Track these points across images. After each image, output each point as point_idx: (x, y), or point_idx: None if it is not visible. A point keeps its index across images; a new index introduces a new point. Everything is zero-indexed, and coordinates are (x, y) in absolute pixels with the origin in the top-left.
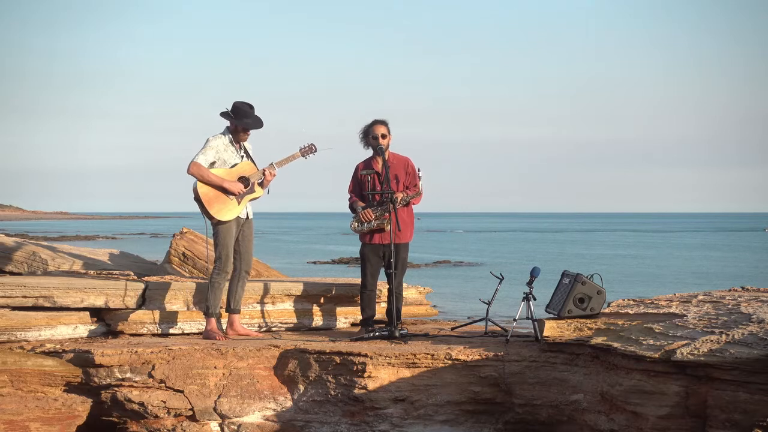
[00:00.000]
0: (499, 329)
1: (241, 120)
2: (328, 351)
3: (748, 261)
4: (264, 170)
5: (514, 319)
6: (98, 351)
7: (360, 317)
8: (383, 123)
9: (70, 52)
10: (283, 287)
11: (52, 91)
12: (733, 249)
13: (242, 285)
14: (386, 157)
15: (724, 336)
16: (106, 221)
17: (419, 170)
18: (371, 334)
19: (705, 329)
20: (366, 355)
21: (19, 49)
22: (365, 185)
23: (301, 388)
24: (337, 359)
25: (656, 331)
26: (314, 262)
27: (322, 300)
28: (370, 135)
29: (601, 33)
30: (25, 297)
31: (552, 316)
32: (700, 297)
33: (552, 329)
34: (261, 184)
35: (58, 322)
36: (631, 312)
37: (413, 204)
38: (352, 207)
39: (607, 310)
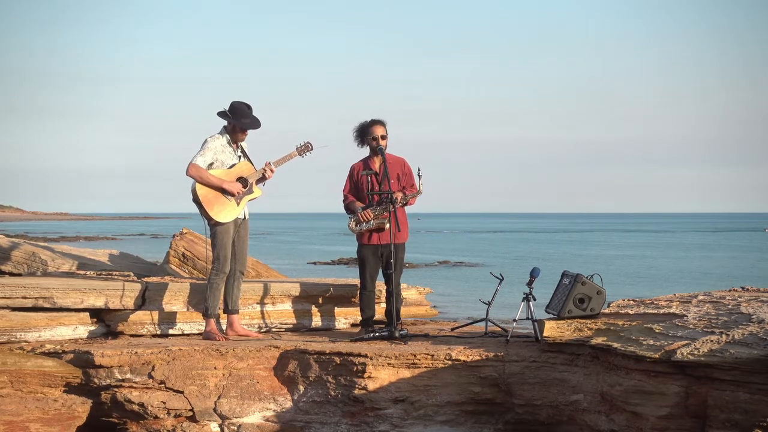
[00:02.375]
0: (499, 330)
1: (239, 120)
2: (328, 351)
3: (748, 261)
4: (263, 170)
5: (514, 320)
6: (98, 352)
7: (360, 318)
8: (382, 123)
9: (70, 52)
10: (282, 288)
11: (52, 91)
12: (733, 249)
13: (238, 285)
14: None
15: (724, 336)
16: (106, 222)
17: (419, 169)
18: (371, 335)
19: (705, 329)
20: (366, 356)
21: (19, 49)
22: (364, 185)
23: (301, 388)
24: (337, 360)
25: (656, 331)
26: (314, 263)
27: (321, 300)
28: (369, 135)
29: (601, 33)
30: (25, 298)
31: (552, 316)
32: (700, 297)
33: (552, 329)
34: (261, 180)
35: (58, 322)
36: (631, 312)
37: (409, 204)
38: (348, 207)
39: (607, 311)
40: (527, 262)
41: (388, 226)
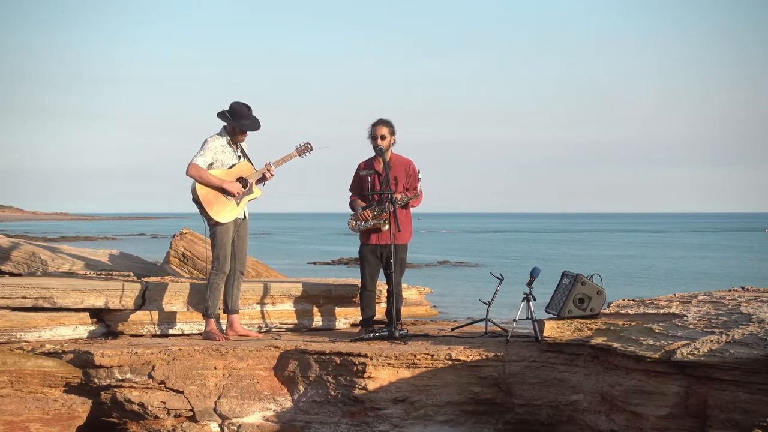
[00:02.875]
0: (499, 329)
1: (238, 121)
2: (328, 351)
3: (748, 261)
4: (263, 170)
5: (514, 320)
6: (98, 352)
7: (360, 318)
8: (385, 124)
9: (70, 52)
10: (283, 288)
11: (52, 91)
12: (733, 249)
13: (238, 285)
14: (387, 158)
15: (724, 336)
16: (106, 222)
17: (419, 171)
18: (371, 335)
19: (705, 329)
20: (366, 356)
21: (19, 49)
22: (365, 185)
23: (301, 388)
24: (337, 360)
25: (656, 331)
26: (314, 263)
27: (321, 300)
28: (370, 135)
29: (601, 33)
30: (25, 298)
31: (552, 316)
32: (700, 297)
33: (552, 329)
34: (261, 180)
35: (58, 322)
36: (631, 312)
37: (412, 206)
38: (351, 206)
39: (607, 311)
40: (527, 262)
41: (387, 227)
